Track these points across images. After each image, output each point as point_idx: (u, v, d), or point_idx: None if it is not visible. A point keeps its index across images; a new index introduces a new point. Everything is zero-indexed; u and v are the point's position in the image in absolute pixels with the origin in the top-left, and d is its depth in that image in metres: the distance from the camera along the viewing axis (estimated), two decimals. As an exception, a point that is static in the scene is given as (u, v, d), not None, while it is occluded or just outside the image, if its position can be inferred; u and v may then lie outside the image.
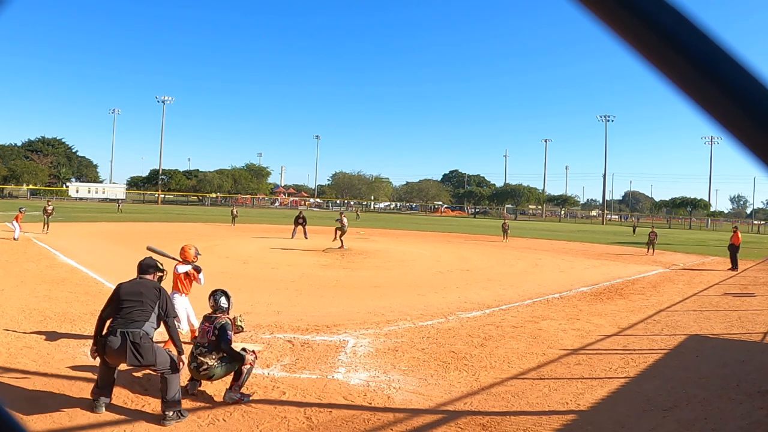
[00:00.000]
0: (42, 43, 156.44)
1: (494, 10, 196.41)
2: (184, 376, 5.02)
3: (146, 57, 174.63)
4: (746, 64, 0.40)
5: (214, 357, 4.94)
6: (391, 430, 4.49)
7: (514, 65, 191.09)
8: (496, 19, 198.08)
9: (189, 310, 6.64)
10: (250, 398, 4.96)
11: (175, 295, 6.45)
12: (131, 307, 4.60)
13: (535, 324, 8.71)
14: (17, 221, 18.86)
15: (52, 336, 6.68)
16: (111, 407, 4.59)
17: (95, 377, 4.86)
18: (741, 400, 5.39)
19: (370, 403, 5.03)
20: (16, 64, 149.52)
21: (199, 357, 4.93)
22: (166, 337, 4.96)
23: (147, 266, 5.04)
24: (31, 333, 6.75)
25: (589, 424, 4.78)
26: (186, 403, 4.76)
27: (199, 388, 5.11)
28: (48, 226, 21.90)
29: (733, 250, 19.32)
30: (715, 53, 0.39)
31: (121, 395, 4.86)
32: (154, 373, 4.77)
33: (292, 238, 23.82)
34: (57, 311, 7.96)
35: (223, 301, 5.35)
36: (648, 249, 24.18)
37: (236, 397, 4.90)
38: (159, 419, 4.41)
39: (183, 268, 6.62)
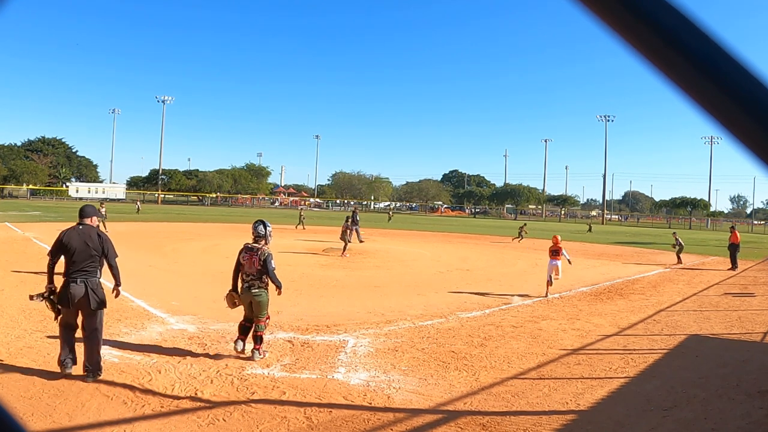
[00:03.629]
0: (42, 43, 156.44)
1: (494, 10, 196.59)
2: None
3: (146, 57, 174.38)
4: (746, 63, 0.40)
5: (258, 285, 6.12)
6: (391, 430, 4.49)
7: (514, 65, 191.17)
8: (496, 19, 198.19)
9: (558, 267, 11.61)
10: (267, 354, 6.15)
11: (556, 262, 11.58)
12: (83, 258, 5.25)
13: (535, 324, 8.71)
14: None
15: (52, 336, 6.66)
16: (111, 406, 4.59)
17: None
18: (741, 400, 5.39)
19: (370, 403, 5.03)
20: (16, 64, 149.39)
21: (248, 284, 6.14)
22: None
23: (87, 211, 5.56)
24: (31, 333, 6.75)
25: (589, 424, 4.78)
26: (186, 403, 4.77)
27: (197, 389, 5.11)
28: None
29: (733, 249, 19.32)
30: (716, 53, 0.39)
31: (120, 395, 4.86)
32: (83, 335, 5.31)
33: (361, 241, 22.40)
34: (57, 311, 7.94)
35: (260, 228, 6.29)
36: (678, 257, 20.44)
37: (261, 355, 6.07)
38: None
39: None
